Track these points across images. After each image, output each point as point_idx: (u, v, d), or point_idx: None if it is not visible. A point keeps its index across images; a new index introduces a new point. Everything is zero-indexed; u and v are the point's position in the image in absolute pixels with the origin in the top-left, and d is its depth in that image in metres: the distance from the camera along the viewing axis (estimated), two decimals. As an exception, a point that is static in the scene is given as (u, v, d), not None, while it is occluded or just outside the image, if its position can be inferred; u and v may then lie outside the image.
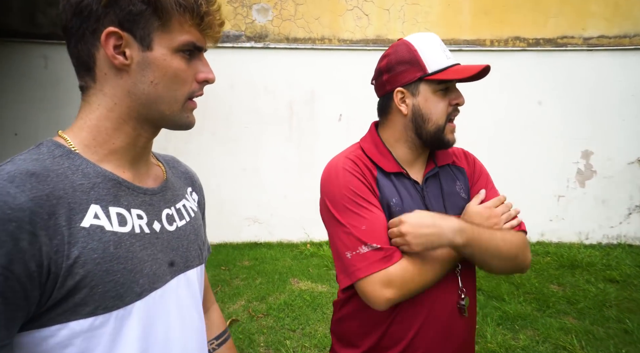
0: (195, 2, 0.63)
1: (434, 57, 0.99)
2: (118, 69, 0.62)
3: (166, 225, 0.71)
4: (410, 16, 4.80)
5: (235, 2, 4.69)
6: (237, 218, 4.91)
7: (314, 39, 4.78)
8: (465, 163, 1.15)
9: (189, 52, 0.66)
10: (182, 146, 4.78)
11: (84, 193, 0.59)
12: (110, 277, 0.58)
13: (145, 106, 0.65)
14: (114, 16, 0.60)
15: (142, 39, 0.62)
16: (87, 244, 0.56)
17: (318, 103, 4.82)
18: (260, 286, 3.66)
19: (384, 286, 0.90)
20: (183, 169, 0.89)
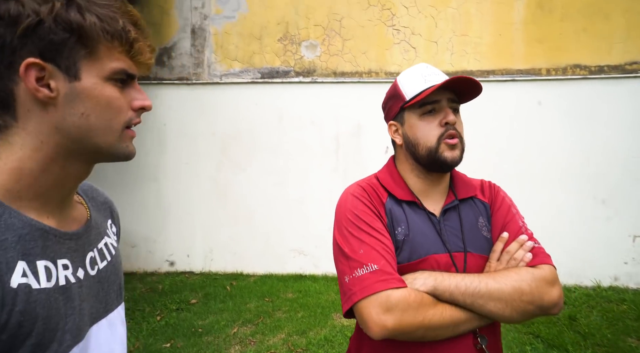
0: (123, 29, 0.60)
1: (411, 85, 1.01)
2: (43, 103, 0.58)
3: (89, 270, 0.67)
4: (459, 47, 4.75)
5: (285, 40, 4.93)
6: (283, 249, 4.93)
7: (361, 73, 4.86)
8: (489, 196, 1.09)
9: (121, 80, 0.62)
10: (231, 176, 4.97)
11: (10, 249, 0.54)
12: (31, 341, 0.54)
13: (76, 141, 0.60)
14: (32, 46, 0.55)
15: (68, 68, 0.58)
16: (14, 306, 0.52)
17: (364, 136, 4.83)
18: (302, 319, 3.59)
19: (383, 310, 0.85)
20: (102, 199, 0.83)
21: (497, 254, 0.99)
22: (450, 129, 0.98)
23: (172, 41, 5.03)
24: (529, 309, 0.89)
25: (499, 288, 0.88)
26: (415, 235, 0.98)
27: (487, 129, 4.71)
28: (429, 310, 0.87)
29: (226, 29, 4.97)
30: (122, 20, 0.60)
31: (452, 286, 0.89)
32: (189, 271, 4.94)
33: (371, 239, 0.93)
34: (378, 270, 0.89)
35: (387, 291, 0.86)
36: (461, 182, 1.09)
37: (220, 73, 4.99)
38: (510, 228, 1.01)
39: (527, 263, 0.95)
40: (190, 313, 3.74)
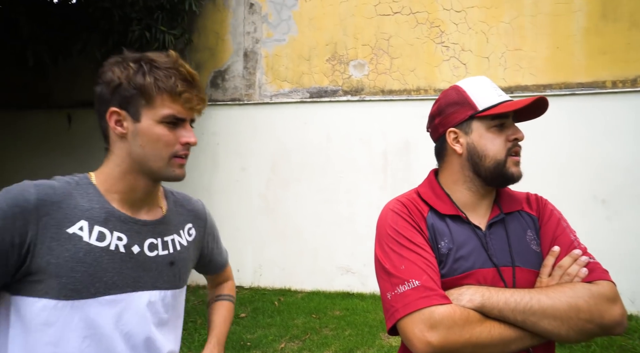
0: (173, 85, 0.81)
1: (484, 95, 0.98)
2: (120, 136, 0.85)
3: (146, 251, 0.88)
4: (512, 62, 4.61)
5: (333, 60, 5.04)
6: (331, 266, 4.92)
7: (409, 90, 4.84)
8: (537, 208, 1.04)
9: (172, 122, 0.84)
10: (281, 194, 5.07)
11: (80, 211, 0.81)
12: (71, 274, 0.77)
13: (139, 163, 0.85)
14: (116, 99, 0.83)
15: (134, 114, 0.83)
16: (64, 244, 0.77)
17: (413, 153, 4.77)
18: (349, 338, 3.54)
19: (427, 327, 0.82)
20: (191, 208, 1.06)
21: (549, 269, 0.93)
22: (517, 146, 0.98)
23: (226, 65, 5.31)
24: (587, 328, 0.83)
25: (552, 305, 0.83)
26: (459, 248, 0.95)
27: (546, 144, 4.49)
28: (476, 328, 0.83)
29: (276, 51, 5.17)
30: (174, 78, 0.82)
31: (502, 302, 0.84)
32: (239, 286, 5.05)
33: (412, 254, 0.92)
34: (420, 286, 0.87)
35: (430, 308, 0.84)
36: (506, 195, 1.05)
37: (271, 93, 5.17)
38: (561, 242, 0.96)
39: (582, 279, 0.88)
40: (239, 326, 3.80)
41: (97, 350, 0.79)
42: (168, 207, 0.98)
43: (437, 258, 0.94)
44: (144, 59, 0.84)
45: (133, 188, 0.87)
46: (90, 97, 4.02)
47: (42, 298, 0.75)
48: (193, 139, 0.87)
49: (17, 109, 5.72)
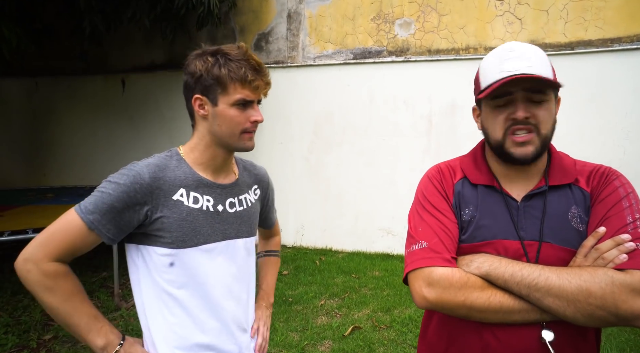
0: (244, 74, 0.99)
1: (487, 73, 0.95)
2: (203, 117, 1.04)
3: (227, 208, 1.10)
4: (575, 14, 4.22)
5: (378, 19, 4.86)
6: (372, 228, 4.99)
7: (458, 50, 4.60)
8: (596, 185, 0.96)
9: (242, 104, 1.02)
10: (323, 156, 5.13)
11: (179, 181, 1.02)
12: (180, 230, 1.00)
13: (217, 138, 1.05)
14: (198, 87, 1.01)
15: (212, 99, 1.02)
16: (171, 208, 1.00)
17: (459, 115, 4.60)
18: (387, 297, 3.64)
19: (425, 284, 0.90)
20: (256, 172, 1.26)
21: (586, 250, 0.88)
22: (516, 125, 0.91)
23: (269, 27, 5.28)
24: (599, 314, 0.80)
25: (559, 285, 0.83)
26: (483, 217, 0.96)
27: (613, 106, 4.16)
28: (474, 293, 0.87)
29: (320, 11, 5.06)
30: (245, 68, 0.99)
31: (507, 274, 0.86)
32: (282, 245, 5.28)
33: (431, 218, 0.98)
34: (426, 248, 0.93)
35: (430, 268, 0.90)
36: (558, 167, 0.99)
37: (314, 55, 5.12)
38: (611, 223, 0.88)
39: (616, 266, 0.83)
40: (282, 283, 4.02)
41: (198, 283, 1.04)
42: (239, 172, 1.19)
43: (459, 225, 0.98)
44: (219, 52, 1.00)
45: (214, 157, 1.08)
46: (142, 62, 4.27)
47: (161, 247, 0.99)
48: (260, 117, 1.05)
49: (75, 75, 6.08)
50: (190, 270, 1.02)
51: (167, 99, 5.76)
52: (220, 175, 1.11)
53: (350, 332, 3.04)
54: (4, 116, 6.42)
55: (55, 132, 6.26)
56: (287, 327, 3.13)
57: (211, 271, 1.05)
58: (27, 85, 6.32)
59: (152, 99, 5.82)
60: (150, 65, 5.81)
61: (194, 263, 1.03)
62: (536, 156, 0.93)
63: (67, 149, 6.19)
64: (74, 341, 2.89)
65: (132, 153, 5.91)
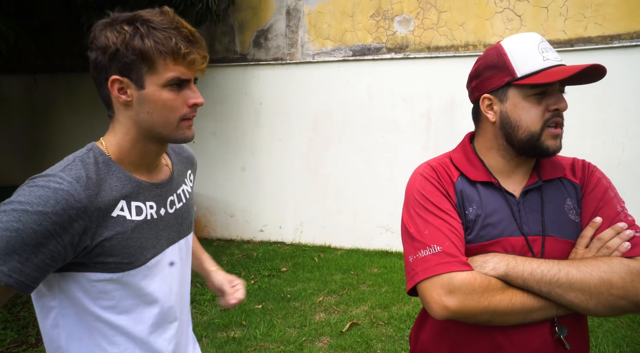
0: (175, 46, 0.78)
1: (526, 60, 0.89)
2: (125, 104, 0.82)
3: (169, 209, 0.94)
4: (575, 11, 4.21)
5: (377, 16, 4.84)
6: (370, 225, 5.00)
7: (457, 47, 4.59)
8: (582, 176, 0.98)
9: (177, 85, 0.81)
10: (322, 153, 5.12)
11: (116, 192, 0.82)
12: (125, 250, 0.82)
13: (147, 130, 0.84)
14: (115, 67, 0.79)
15: (137, 81, 0.80)
16: (114, 228, 0.80)
17: (458, 112, 4.59)
18: (386, 294, 3.65)
19: (445, 292, 0.83)
20: (186, 154, 1.09)
21: (586, 240, 0.89)
22: (557, 117, 0.89)
23: (268, 23, 5.27)
24: (620, 304, 0.80)
25: (582, 279, 0.81)
26: (488, 215, 0.92)
27: (612, 104, 4.15)
28: (496, 296, 0.83)
29: (319, 8, 5.04)
30: (175, 39, 0.78)
31: (527, 272, 0.83)
32: (281, 242, 5.29)
33: (437, 220, 0.91)
34: (441, 252, 0.87)
35: (450, 274, 0.84)
36: (547, 162, 0.99)
37: (313, 52, 5.11)
38: (604, 213, 0.90)
39: (623, 254, 0.84)
40: (280, 279, 4.03)
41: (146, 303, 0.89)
42: (172, 161, 1.02)
43: (463, 224, 0.93)
44: (138, 19, 0.79)
45: (145, 154, 0.88)
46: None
47: (98, 272, 0.80)
48: (200, 99, 0.85)
49: (75, 72, 6.08)
50: (136, 291, 0.86)
51: (166, 96, 5.74)
52: (154, 171, 0.93)
53: (348, 328, 3.05)
54: (3, 113, 6.42)
55: (54, 129, 6.26)
56: (285, 323, 3.14)
57: (159, 286, 0.90)
58: (26, 82, 6.31)
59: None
60: (149, 62, 5.80)
61: (142, 283, 0.86)
62: (560, 149, 0.93)
63: (66, 146, 6.19)
64: (72, 337, 2.89)
65: (131, 150, 5.90)
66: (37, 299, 0.83)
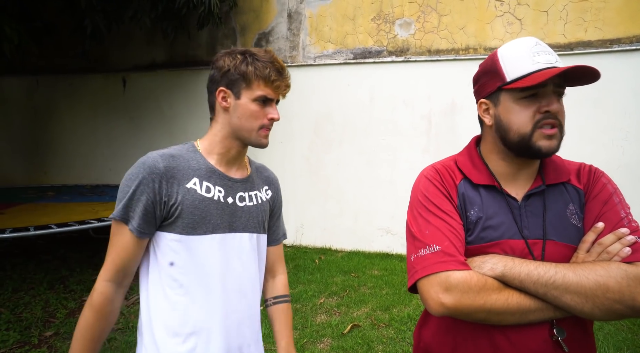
0: (268, 74, 1.06)
1: (516, 64, 0.91)
2: (224, 109, 1.09)
3: (237, 201, 1.13)
4: (575, 15, 4.24)
5: (378, 19, 4.87)
6: (371, 228, 5.01)
7: (457, 50, 4.62)
8: (586, 182, 0.98)
9: (262, 101, 1.07)
10: (323, 156, 5.14)
11: (193, 171, 1.07)
12: (191, 217, 1.04)
13: (235, 131, 1.10)
14: (223, 81, 1.08)
15: (236, 93, 1.07)
16: (185, 196, 1.04)
17: (458, 115, 4.62)
18: (386, 296, 3.66)
19: (442, 290, 0.86)
20: (267, 175, 1.30)
21: (587, 245, 0.90)
22: (549, 119, 0.90)
23: (270, 26, 5.29)
24: (616, 308, 0.81)
25: (578, 282, 0.82)
26: (489, 218, 0.95)
27: (612, 107, 4.18)
28: (493, 295, 0.85)
29: (321, 11, 5.07)
30: (269, 69, 1.06)
31: (524, 274, 0.85)
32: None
33: (438, 220, 0.94)
34: (439, 251, 0.90)
35: (447, 272, 0.87)
36: (552, 166, 1.00)
37: (314, 55, 5.13)
38: (607, 218, 0.91)
39: (623, 259, 0.84)
40: (282, 281, 4.04)
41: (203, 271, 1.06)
42: (251, 170, 1.22)
43: (465, 226, 0.95)
44: (248, 52, 1.08)
45: (229, 149, 1.12)
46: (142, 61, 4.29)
47: (171, 232, 1.03)
48: (277, 115, 1.09)
49: (76, 73, 6.10)
50: (195, 257, 1.05)
51: (167, 98, 5.77)
52: (233, 168, 1.15)
53: (350, 330, 3.06)
54: (5, 114, 6.43)
55: (55, 130, 6.27)
56: (287, 324, 3.15)
57: (216, 261, 1.07)
58: (28, 83, 6.33)
59: (153, 97, 5.83)
60: (150, 64, 5.82)
61: (200, 251, 1.05)
62: (556, 150, 0.93)
63: (68, 147, 6.21)
64: (74, 338, 2.90)
65: (132, 151, 5.92)
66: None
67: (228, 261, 1.09)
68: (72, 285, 3.78)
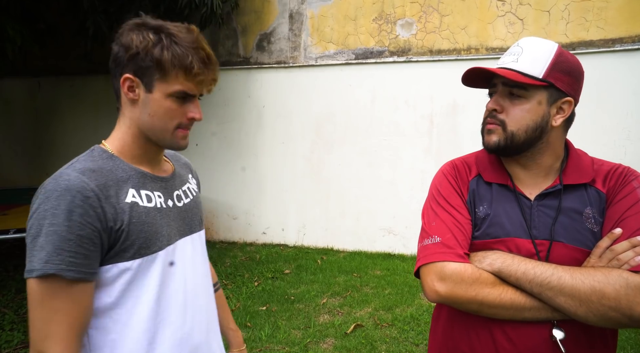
0: (189, 64, 0.84)
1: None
2: (131, 101, 0.89)
3: (176, 202, 0.99)
4: (577, 15, 4.24)
5: (380, 19, 4.88)
6: (373, 228, 5.01)
7: (459, 50, 4.62)
8: (613, 185, 0.95)
9: (181, 97, 0.88)
10: (325, 156, 5.14)
11: (123, 182, 0.87)
12: (142, 235, 0.86)
13: (147, 130, 0.90)
14: (131, 66, 0.85)
15: (147, 84, 0.86)
16: (129, 213, 0.84)
17: (460, 115, 4.62)
18: (389, 296, 3.66)
19: (437, 278, 0.91)
20: (183, 161, 1.15)
21: (600, 250, 0.88)
22: (489, 117, 0.98)
23: (271, 27, 5.30)
24: (612, 316, 0.81)
25: (572, 285, 0.83)
26: (497, 215, 0.96)
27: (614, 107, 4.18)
28: (485, 288, 0.88)
29: (322, 11, 5.08)
30: (192, 57, 0.84)
31: (520, 272, 0.87)
32: (284, 244, 5.30)
33: (444, 213, 0.98)
34: (439, 243, 0.94)
35: (443, 263, 0.91)
36: (575, 166, 0.98)
37: (316, 56, 5.14)
38: (627, 224, 0.87)
39: (631, 267, 0.83)
40: (284, 281, 4.04)
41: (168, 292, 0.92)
42: (172, 162, 1.07)
43: (473, 221, 0.98)
44: (164, 30, 0.85)
45: (145, 150, 0.94)
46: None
47: (116, 264, 0.82)
48: (198, 115, 0.92)
49: (78, 74, 6.11)
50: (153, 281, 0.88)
51: (169, 99, 5.77)
52: (157, 167, 0.98)
53: (353, 330, 3.06)
54: (7, 116, 6.45)
55: (57, 131, 6.29)
56: (290, 324, 3.15)
57: (173, 276, 0.92)
58: (30, 84, 6.34)
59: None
60: (152, 65, 5.83)
61: (159, 272, 0.88)
62: (498, 147, 0.96)
63: (70, 148, 6.21)
64: (77, 338, 2.91)
65: (134, 153, 5.92)
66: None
67: (187, 268, 0.96)
68: (75, 286, 3.79)
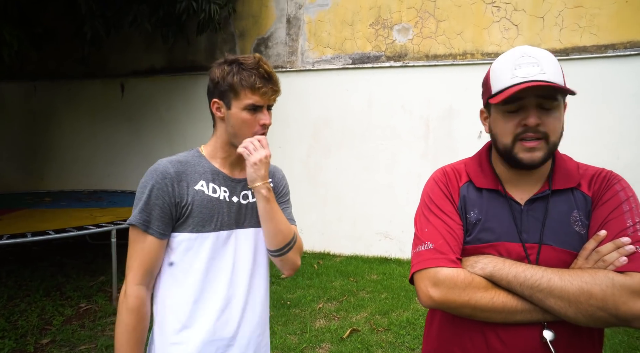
0: (253, 82, 1.11)
1: (499, 78, 0.95)
2: (220, 119, 1.18)
3: (241, 200, 1.21)
4: (570, 21, 4.29)
5: (376, 24, 4.91)
6: (369, 232, 5.01)
7: (455, 55, 4.65)
8: (597, 189, 0.97)
9: (252, 109, 1.13)
10: (322, 161, 5.15)
11: (199, 174, 1.16)
12: (200, 215, 1.12)
13: (231, 138, 1.17)
14: (216, 92, 1.15)
15: (227, 104, 1.15)
16: (194, 196, 1.12)
17: (456, 120, 4.64)
18: (385, 301, 3.65)
19: (431, 284, 0.92)
20: (270, 169, 1.33)
21: (587, 252, 0.90)
22: (529, 132, 0.92)
23: (269, 32, 5.32)
24: (599, 315, 0.82)
25: (561, 286, 0.84)
26: (487, 220, 0.98)
27: (607, 111, 4.21)
28: (478, 293, 0.89)
29: (319, 16, 5.11)
30: (254, 77, 1.11)
31: (511, 275, 0.88)
32: (281, 249, 5.28)
33: (436, 220, 1.00)
34: (432, 249, 0.96)
35: (436, 268, 0.93)
36: (562, 171, 1.00)
37: (313, 60, 5.16)
38: (611, 226, 0.90)
39: (617, 268, 0.85)
40: (280, 286, 4.02)
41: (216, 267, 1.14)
42: None
43: (464, 227, 1.00)
44: (235, 61, 1.14)
45: (229, 154, 1.20)
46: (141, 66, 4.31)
47: (181, 232, 1.11)
48: (268, 120, 1.16)
49: (75, 78, 6.11)
50: (204, 254, 1.12)
51: (166, 103, 5.78)
52: (236, 170, 1.23)
53: (349, 335, 3.05)
54: (3, 120, 6.43)
55: (54, 136, 6.27)
56: (286, 330, 3.14)
57: (224, 255, 1.15)
58: (26, 88, 6.33)
59: (151, 103, 5.84)
60: (149, 69, 5.84)
61: (209, 248, 1.12)
62: (543, 161, 0.94)
63: (66, 152, 6.20)
64: (71, 345, 2.88)
65: (131, 157, 5.92)
66: None
67: (236, 256, 1.17)
68: (69, 292, 3.76)
